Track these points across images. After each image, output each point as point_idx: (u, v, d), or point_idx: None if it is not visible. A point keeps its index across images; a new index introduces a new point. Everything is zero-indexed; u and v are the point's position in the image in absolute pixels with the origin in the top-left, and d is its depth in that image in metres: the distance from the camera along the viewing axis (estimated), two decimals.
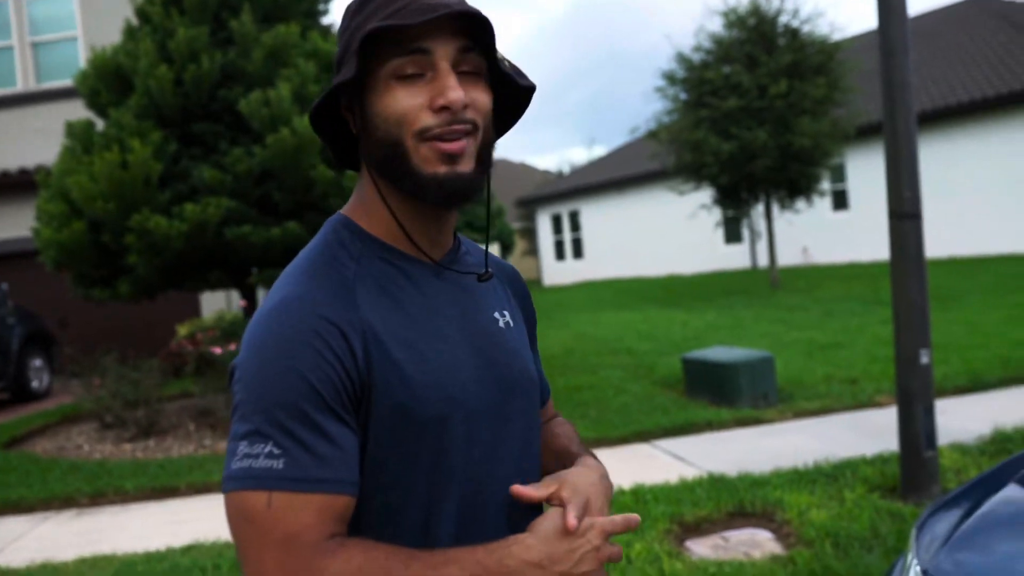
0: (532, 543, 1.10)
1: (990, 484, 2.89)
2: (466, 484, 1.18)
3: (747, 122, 16.12)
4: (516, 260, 33.31)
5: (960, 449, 5.75)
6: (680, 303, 16.54)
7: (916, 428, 4.97)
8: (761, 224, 21.99)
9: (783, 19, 16.87)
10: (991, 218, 19.47)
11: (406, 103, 1.12)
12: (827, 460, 5.78)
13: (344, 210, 1.27)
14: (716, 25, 17.78)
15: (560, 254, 34.30)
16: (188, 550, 5.18)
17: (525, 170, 48.32)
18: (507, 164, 47.75)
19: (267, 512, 1.03)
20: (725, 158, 16.20)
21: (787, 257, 23.63)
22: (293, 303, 1.10)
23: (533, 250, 36.47)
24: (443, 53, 1.12)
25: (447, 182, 1.13)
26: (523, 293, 1.44)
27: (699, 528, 4.87)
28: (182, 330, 13.04)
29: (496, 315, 1.30)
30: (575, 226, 33.01)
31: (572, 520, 1.12)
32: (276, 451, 1.04)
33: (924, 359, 4.98)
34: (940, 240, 20.04)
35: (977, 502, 2.79)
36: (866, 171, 22.24)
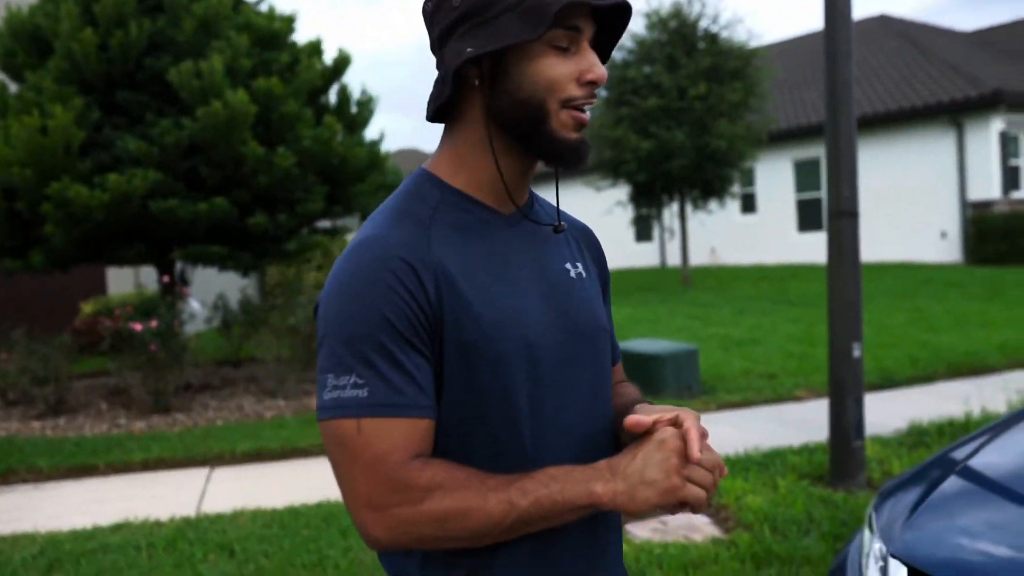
0: (629, 461, 1.15)
1: (941, 466, 3.02)
2: (533, 423, 1.23)
3: (666, 122, 16.42)
4: None
5: (880, 441, 5.98)
6: None
7: (847, 419, 5.16)
8: (675, 223, 22.42)
9: (703, 23, 17.23)
10: (888, 228, 20.28)
11: (558, 71, 1.20)
12: (756, 449, 5.95)
13: (427, 165, 1.32)
14: (639, 25, 17.96)
15: None
16: (118, 529, 5.02)
17: None
18: (418, 154, 47.47)
19: (357, 437, 1.13)
20: (644, 156, 16.47)
21: (696, 257, 24.15)
22: (371, 242, 1.18)
23: None
24: (588, 34, 1.23)
25: (580, 148, 1.24)
26: (596, 251, 1.48)
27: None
28: (87, 307, 12.59)
29: (568, 266, 1.35)
30: None
31: (696, 453, 1.14)
32: (360, 381, 1.13)
33: (856, 352, 5.16)
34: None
35: (932, 483, 2.91)
36: (773, 176, 22.93)
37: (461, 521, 1.13)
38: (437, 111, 1.29)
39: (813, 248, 22.00)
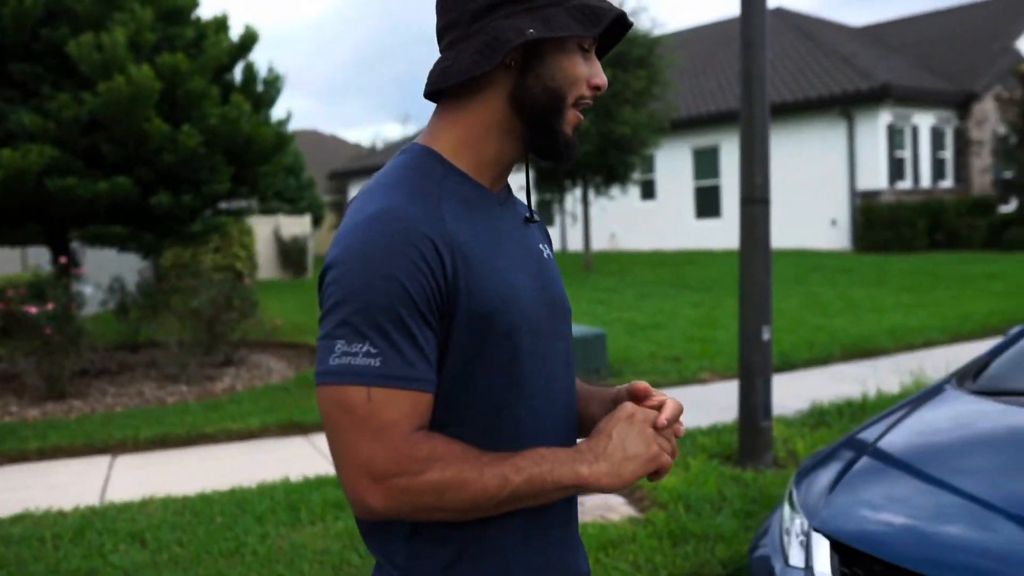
0: (606, 441, 1.24)
1: (854, 447, 3.15)
2: (529, 394, 1.29)
3: None
4: (325, 234, 32.68)
5: (784, 422, 6.19)
6: None
7: (756, 400, 5.32)
8: (578, 208, 22.63)
9: None
10: (782, 215, 20.91)
11: (582, 70, 1.30)
12: None
13: (424, 141, 1.34)
14: None
15: None
16: (18, 520, 4.83)
17: (336, 143, 47.46)
18: (318, 136, 46.73)
19: (367, 404, 1.15)
20: None
21: (596, 243, 24.45)
22: (393, 214, 1.19)
23: None
24: (594, 44, 1.33)
25: (572, 143, 1.33)
26: (548, 237, 1.56)
27: None
28: None
29: (541, 247, 1.44)
30: None
31: (663, 419, 1.28)
32: (373, 350, 1.15)
33: (766, 335, 5.32)
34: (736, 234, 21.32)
35: (847, 462, 3.03)
36: (672, 163, 23.37)
37: (458, 493, 1.17)
38: (458, 86, 1.29)
39: (709, 234, 22.56)
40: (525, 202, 1.48)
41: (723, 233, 22.03)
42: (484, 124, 1.30)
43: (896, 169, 20.84)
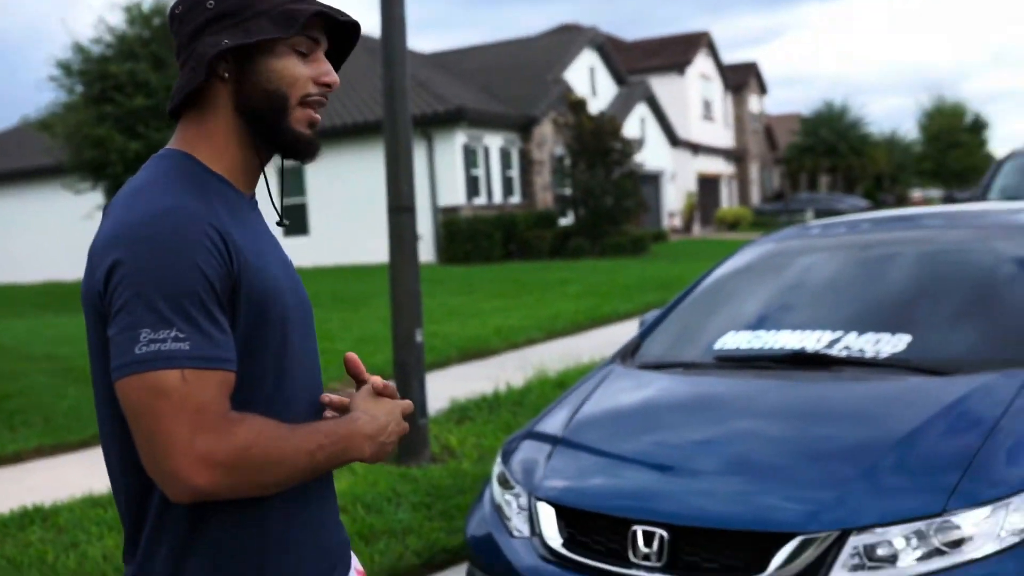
0: (367, 418, 1.38)
1: (554, 423, 3.44)
2: (294, 386, 1.40)
3: (156, 123, 15.68)
4: None
5: (431, 420, 6.46)
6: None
7: (413, 399, 5.46)
8: None
9: None
10: (372, 232, 21.45)
11: (300, 71, 1.38)
12: None
13: (178, 147, 1.40)
14: (119, 19, 16.85)
15: None
16: None
17: None
18: None
19: (183, 386, 1.19)
20: (132, 157, 15.54)
21: None
22: (181, 210, 1.26)
23: None
24: (323, 46, 1.43)
25: (311, 142, 1.42)
26: None
27: None
28: None
29: (282, 249, 1.53)
30: None
31: (381, 383, 1.45)
32: (181, 335, 1.20)
33: (419, 337, 5.54)
34: (331, 250, 21.61)
35: (554, 436, 3.30)
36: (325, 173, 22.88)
37: (275, 469, 1.26)
38: (183, 101, 1.39)
39: (297, 252, 22.51)
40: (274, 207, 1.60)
41: (311, 251, 22.17)
42: (223, 134, 1.39)
43: (472, 186, 22.42)
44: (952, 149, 51.89)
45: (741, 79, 43.42)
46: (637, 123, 29.66)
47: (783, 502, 2.60)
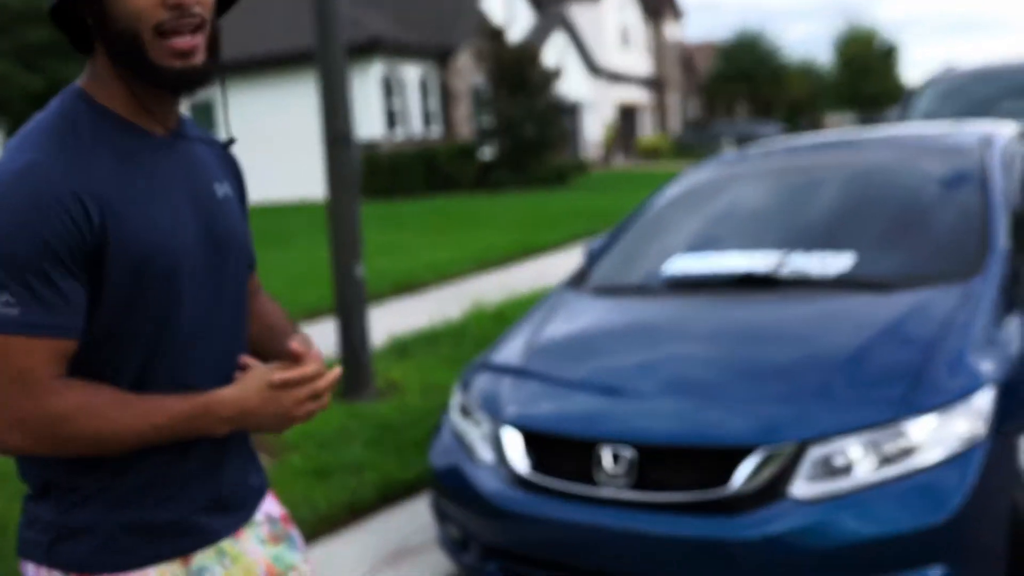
0: (228, 399, 1.34)
1: (513, 351, 3.47)
2: (186, 338, 1.38)
3: (59, 57, 15.03)
4: None
5: (372, 356, 6.45)
6: None
7: (355, 335, 5.49)
8: None
9: None
10: (283, 168, 21.01)
11: (141, 1, 1.26)
12: None
13: (81, 83, 1.37)
14: None
15: None
16: None
17: None
18: None
19: (4, 351, 1.22)
20: (35, 93, 14.91)
21: None
22: (37, 170, 1.24)
23: None
24: None
25: (183, 74, 1.31)
26: (236, 171, 1.60)
27: None
28: None
29: (216, 186, 1.48)
30: None
31: (279, 377, 1.36)
32: (12, 300, 1.21)
33: (359, 272, 5.49)
34: (259, 185, 21.10)
35: (515, 365, 3.33)
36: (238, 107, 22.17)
37: (95, 441, 1.27)
38: (75, 45, 1.40)
39: None
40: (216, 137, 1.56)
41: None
42: (109, 75, 1.34)
43: (390, 119, 22.08)
44: (865, 75, 52.95)
45: (657, 4, 43.37)
46: (555, 52, 29.49)
47: (744, 418, 2.68)
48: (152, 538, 1.39)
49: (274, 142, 20.76)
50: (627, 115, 38.82)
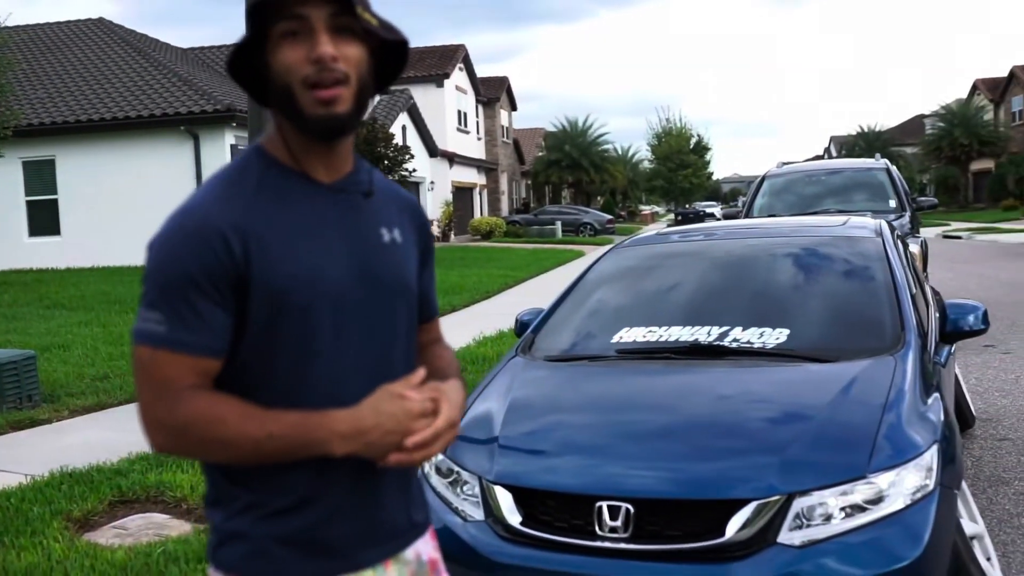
0: (344, 413, 1.41)
1: (477, 409, 3.59)
2: (330, 366, 1.48)
3: None
4: None
5: None
6: None
7: None
8: None
9: None
10: (128, 231, 20.22)
11: (291, 57, 1.42)
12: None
13: (261, 140, 1.55)
14: None
15: None
16: None
17: None
18: None
19: (151, 362, 1.41)
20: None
21: None
22: (197, 210, 1.43)
23: None
24: (317, 16, 1.41)
25: (324, 121, 1.44)
26: (420, 223, 1.72)
27: (89, 523, 4.55)
28: None
29: (383, 230, 1.59)
30: None
31: (410, 392, 1.45)
32: (162, 319, 1.40)
33: None
34: (83, 251, 20.20)
35: (489, 422, 3.46)
36: (2, 177, 21.05)
37: (215, 447, 1.39)
38: (260, 101, 1.55)
39: (47, 251, 20.86)
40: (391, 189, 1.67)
41: (61, 250, 20.65)
42: (278, 125, 1.52)
43: None
44: (681, 169, 56.27)
45: (494, 93, 44.84)
46: (399, 131, 29.91)
47: (736, 473, 2.93)
48: (303, 555, 1.48)
49: (113, 204, 20.01)
50: (462, 195, 39.61)
